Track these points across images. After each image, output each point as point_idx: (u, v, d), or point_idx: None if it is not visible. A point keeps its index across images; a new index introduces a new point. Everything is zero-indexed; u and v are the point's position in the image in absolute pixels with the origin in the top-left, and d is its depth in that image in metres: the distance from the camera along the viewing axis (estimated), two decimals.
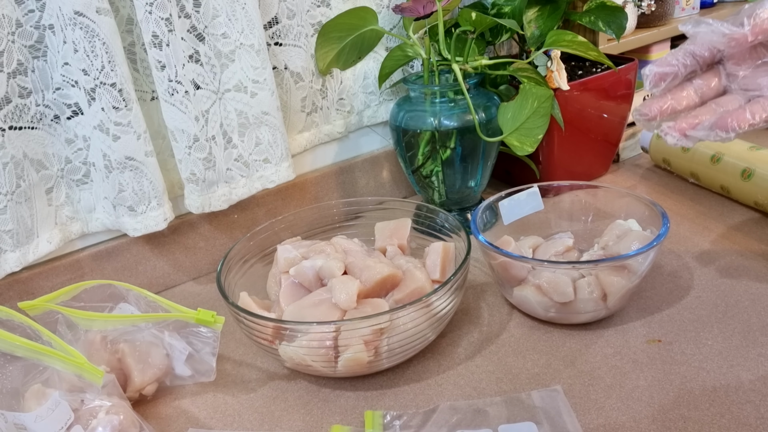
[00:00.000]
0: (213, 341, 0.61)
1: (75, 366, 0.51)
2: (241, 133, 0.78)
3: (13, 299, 0.71)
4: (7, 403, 0.52)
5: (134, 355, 0.59)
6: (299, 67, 0.82)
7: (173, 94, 0.70)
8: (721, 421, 0.50)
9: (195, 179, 0.74)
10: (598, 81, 0.84)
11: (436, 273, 0.65)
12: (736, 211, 0.81)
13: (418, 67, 0.92)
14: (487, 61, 0.78)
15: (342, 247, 0.67)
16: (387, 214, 0.75)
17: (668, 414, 0.52)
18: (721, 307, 0.64)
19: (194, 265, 0.83)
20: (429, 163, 0.81)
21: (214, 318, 0.60)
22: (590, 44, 0.76)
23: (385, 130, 0.95)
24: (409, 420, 0.54)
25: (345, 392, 0.59)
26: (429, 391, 0.58)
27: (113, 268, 0.78)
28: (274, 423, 0.57)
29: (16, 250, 0.68)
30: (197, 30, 0.72)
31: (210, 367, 0.61)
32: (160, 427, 0.58)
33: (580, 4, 0.87)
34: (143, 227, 0.73)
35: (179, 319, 0.60)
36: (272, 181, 0.81)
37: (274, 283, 0.68)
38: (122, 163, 0.70)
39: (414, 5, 0.75)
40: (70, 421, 0.50)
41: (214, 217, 0.82)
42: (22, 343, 0.50)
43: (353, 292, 0.59)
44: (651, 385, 0.55)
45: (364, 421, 0.55)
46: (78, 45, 0.64)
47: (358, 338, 0.55)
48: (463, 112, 0.78)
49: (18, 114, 0.66)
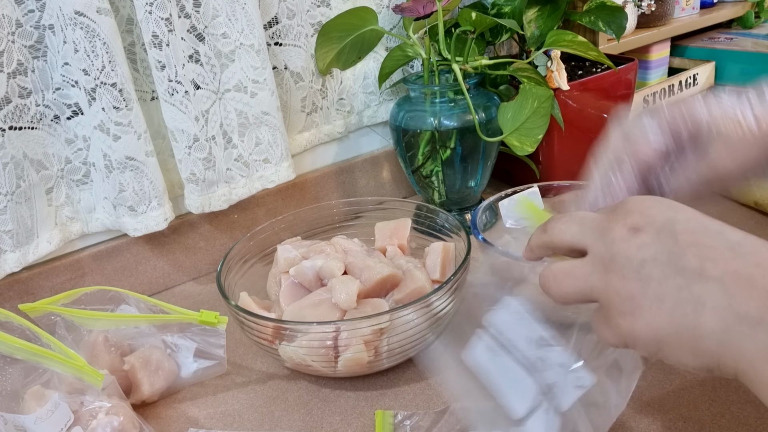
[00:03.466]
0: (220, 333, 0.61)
1: (74, 368, 0.51)
2: (241, 133, 0.78)
3: (13, 299, 0.71)
4: (7, 405, 0.52)
5: (146, 369, 0.59)
6: (299, 67, 0.82)
7: (173, 94, 0.70)
8: (721, 421, 0.50)
9: (195, 179, 0.74)
10: (598, 81, 0.84)
11: (436, 273, 0.65)
12: (736, 210, 0.81)
13: (418, 67, 0.92)
14: (487, 61, 0.78)
15: (342, 247, 0.67)
16: (387, 214, 0.75)
17: (668, 414, 0.52)
18: None
19: (194, 265, 0.83)
20: (429, 163, 0.81)
21: (218, 319, 0.60)
22: (590, 44, 0.76)
23: (385, 130, 0.95)
24: (419, 420, 0.54)
25: (345, 392, 0.59)
26: (429, 391, 0.58)
27: (113, 268, 0.77)
28: (274, 423, 0.57)
29: (16, 251, 0.68)
30: (197, 30, 0.72)
31: (221, 357, 0.62)
32: (160, 427, 0.58)
33: (580, 4, 0.86)
34: (144, 227, 0.73)
35: (182, 321, 0.60)
36: (272, 181, 0.81)
37: (274, 283, 0.68)
38: (122, 163, 0.70)
39: (414, 5, 0.75)
40: (70, 422, 0.50)
41: (214, 217, 0.82)
42: (22, 345, 0.50)
43: (353, 292, 0.59)
44: (651, 385, 0.55)
45: (367, 420, 0.55)
46: (78, 45, 0.64)
47: (358, 338, 0.55)
48: (463, 112, 0.78)
49: (18, 114, 0.66)
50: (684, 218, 0.34)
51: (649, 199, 0.36)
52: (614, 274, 0.34)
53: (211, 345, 0.61)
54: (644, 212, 0.35)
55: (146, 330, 0.61)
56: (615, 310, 0.34)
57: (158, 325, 0.62)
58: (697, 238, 0.33)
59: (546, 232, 0.40)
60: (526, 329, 0.44)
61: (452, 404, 0.55)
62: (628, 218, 0.35)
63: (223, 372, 0.63)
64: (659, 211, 0.35)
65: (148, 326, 0.61)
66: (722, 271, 0.31)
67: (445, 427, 0.52)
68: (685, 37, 1.19)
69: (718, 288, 0.31)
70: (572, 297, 0.37)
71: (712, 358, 0.31)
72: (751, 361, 0.30)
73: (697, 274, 0.32)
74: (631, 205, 0.36)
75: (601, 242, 0.35)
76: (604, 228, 0.36)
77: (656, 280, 0.33)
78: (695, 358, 0.32)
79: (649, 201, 0.36)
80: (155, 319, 0.61)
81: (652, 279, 0.33)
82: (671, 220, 0.34)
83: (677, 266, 0.32)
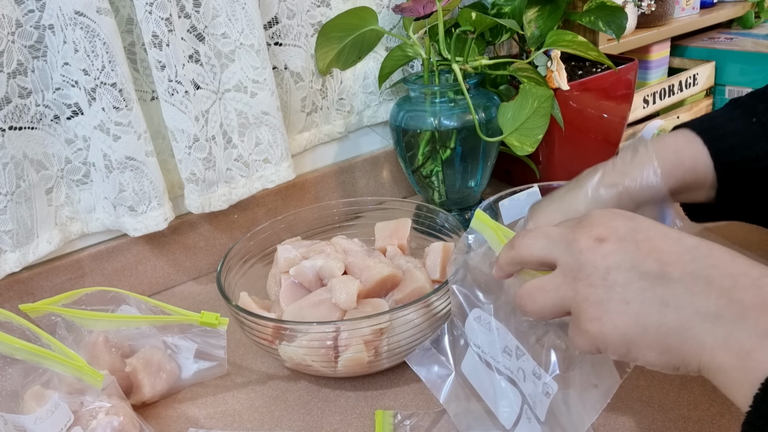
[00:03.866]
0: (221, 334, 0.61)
1: (74, 369, 0.51)
2: (241, 133, 0.78)
3: (13, 299, 0.71)
4: (7, 405, 0.52)
5: (148, 370, 0.59)
6: (299, 67, 0.82)
7: (173, 94, 0.70)
8: (721, 421, 0.50)
9: (195, 179, 0.74)
10: (598, 81, 0.84)
11: (436, 273, 0.65)
12: None
13: (418, 67, 0.92)
14: (487, 61, 0.78)
15: (342, 247, 0.67)
16: (387, 214, 0.75)
17: (668, 414, 0.52)
18: None
19: (194, 265, 0.83)
20: (429, 163, 0.81)
21: (218, 320, 0.60)
22: (590, 44, 0.76)
23: (385, 130, 0.95)
24: (419, 420, 0.54)
25: (345, 392, 0.59)
26: (429, 391, 0.58)
27: (113, 268, 0.77)
28: (274, 423, 0.57)
29: (16, 251, 0.68)
30: (197, 30, 0.72)
31: (221, 358, 0.62)
32: (160, 427, 0.58)
33: (580, 4, 0.86)
34: (143, 227, 0.73)
35: (183, 322, 0.60)
36: (272, 181, 0.81)
37: (274, 283, 0.68)
38: (122, 163, 0.70)
39: (414, 5, 0.75)
40: (70, 422, 0.50)
41: (214, 217, 0.82)
42: (22, 345, 0.50)
43: (353, 292, 0.59)
44: (651, 385, 0.55)
45: (367, 420, 0.55)
46: (78, 45, 0.64)
47: (358, 338, 0.55)
48: (463, 112, 0.78)
49: (18, 114, 0.66)
50: (644, 227, 0.37)
51: (610, 212, 0.39)
52: (582, 283, 0.36)
53: (211, 346, 0.61)
54: (607, 224, 0.38)
55: (147, 331, 0.61)
56: (585, 315, 0.36)
57: (159, 326, 0.62)
58: (657, 245, 0.36)
59: (514, 248, 0.41)
60: (502, 341, 0.45)
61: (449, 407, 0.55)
62: (593, 230, 0.37)
63: (223, 373, 0.63)
64: (621, 222, 0.38)
65: (148, 327, 0.61)
66: (682, 273, 0.34)
67: (445, 427, 0.53)
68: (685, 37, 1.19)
69: (679, 289, 0.34)
70: (548, 311, 0.39)
71: (677, 355, 0.34)
72: (711, 351, 0.32)
73: (659, 277, 0.34)
74: (594, 218, 0.39)
75: (569, 253, 0.38)
76: (570, 240, 0.38)
77: (621, 284, 0.35)
78: (662, 356, 0.34)
79: (610, 213, 0.39)
80: (156, 320, 0.61)
81: (618, 284, 0.35)
82: (632, 229, 0.37)
83: (640, 271, 0.35)
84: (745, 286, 0.33)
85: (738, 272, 0.33)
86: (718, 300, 0.33)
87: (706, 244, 0.35)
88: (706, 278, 0.33)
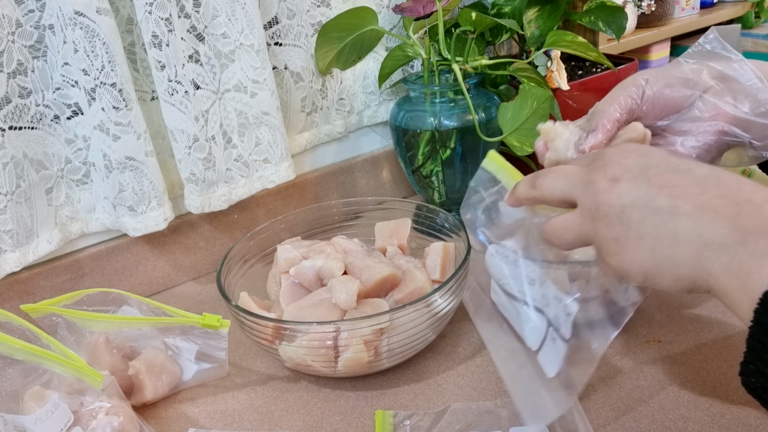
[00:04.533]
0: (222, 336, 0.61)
1: (74, 369, 0.51)
2: (240, 133, 0.78)
3: (13, 299, 0.71)
4: (7, 405, 0.52)
5: (150, 373, 0.59)
6: (299, 67, 0.82)
7: (173, 94, 0.70)
8: (721, 421, 0.50)
9: (195, 179, 0.74)
10: (598, 81, 0.84)
11: (436, 273, 0.65)
12: None
13: (418, 67, 0.92)
14: (487, 61, 0.78)
15: (342, 247, 0.67)
16: (387, 214, 0.75)
17: (668, 414, 0.52)
18: (721, 307, 0.64)
19: (194, 265, 0.83)
20: (429, 163, 0.81)
21: (220, 322, 0.60)
22: (590, 44, 0.76)
23: (385, 130, 0.95)
24: (419, 420, 0.54)
25: (345, 392, 0.59)
26: (429, 391, 0.58)
27: (113, 268, 0.77)
28: (274, 423, 0.57)
29: (16, 250, 0.68)
30: (197, 30, 0.72)
31: (222, 360, 0.62)
32: (160, 427, 0.58)
33: (580, 4, 0.86)
34: (143, 227, 0.73)
35: (185, 324, 0.60)
36: (272, 181, 0.81)
37: (274, 283, 0.68)
38: (122, 163, 0.70)
39: (414, 5, 0.75)
40: (70, 422, 0.50)
41: (214, 217, 0.82)
42: (22, 346, 0.50)
43: (353, 292, 0.59)
44: (651, 385, 0.55)
45: (367, 420, 0.55)
46: (78, 45, 0.64)
47: (358, 338, 0.55)
48: (463, 112, 0.78)
49: (18, 114, 0.66)
50: (655, 162, 0.39)
51: (622, 149, 0.42)
52: (601, 222, 0.39)
53: (212, 347, 0.61)
54: (620, 162, 0.40)
55: (148, 332, 0.61)
56: (605, 251, 0.40)
57: (160, 327, 0.62)
58: (667, 179, 0.38)
59: (535, 188, 0.45)
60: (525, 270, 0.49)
61: (452, 404, 0.55)
62: (608, 170, 0.40)
63: (224, 374, 0.63)
64: (633, 159, 0.40)
65: (150, 328, 0.61)
66: (691, 207, 0.36)
67: (445, 427, 0.53)
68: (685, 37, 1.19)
69: (688, 222, 0.36)
70: (573, 244, 0.43)
71: (688, 281, 0.37)
72: (717, 277, 0.35)
73: (670, 212, 0.37)
74: (608, 156, 0.41)
75: (587, 195, 0.40)
76: (588, 181, 0.40)
77: (636, 221, 0.38)
78: (676, 283, 0.37)
79: (623, 150, 0.41)
80: (157, 321, 0.61)
81: (632, 221, 0.38)
82: (644, 165, 0.39)
83: (652, 207, 0.37)
84: (748, 212, 0.35)
85: (743, 200, 0.35)
86: (722, 230, 0.35)
87: (715, 174, 0.37)
88: (713, 209, 0.35)
